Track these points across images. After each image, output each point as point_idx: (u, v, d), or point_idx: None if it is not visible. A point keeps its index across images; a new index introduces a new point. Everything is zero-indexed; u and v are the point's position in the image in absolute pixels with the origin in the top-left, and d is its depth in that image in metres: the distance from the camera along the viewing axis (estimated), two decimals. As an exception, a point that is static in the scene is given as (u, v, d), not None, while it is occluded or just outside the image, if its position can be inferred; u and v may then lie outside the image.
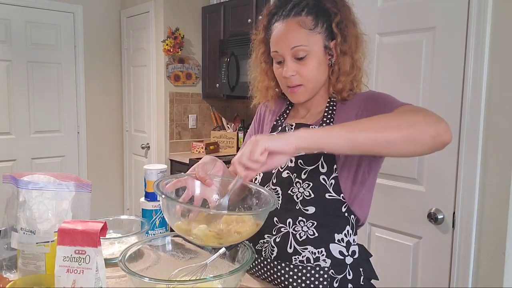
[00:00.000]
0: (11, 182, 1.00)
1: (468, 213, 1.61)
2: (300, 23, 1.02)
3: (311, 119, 1.13)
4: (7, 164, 3.69)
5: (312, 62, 1.04)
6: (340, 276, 1.03)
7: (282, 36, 1.04)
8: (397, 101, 1.01)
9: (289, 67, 1.04)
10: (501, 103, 1.52)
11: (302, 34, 1.02)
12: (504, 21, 1.50)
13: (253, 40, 1.18)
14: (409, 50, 1.77)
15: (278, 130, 1.16)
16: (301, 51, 1.02)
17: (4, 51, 3.60)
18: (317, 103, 1.12)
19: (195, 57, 3.78)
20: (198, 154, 3.63)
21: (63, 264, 0.81)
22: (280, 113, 1.22)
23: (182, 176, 0.97)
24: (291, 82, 1.06)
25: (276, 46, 1.06)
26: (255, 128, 1.30)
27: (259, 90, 1.20)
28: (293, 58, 1.04)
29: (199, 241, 0.87)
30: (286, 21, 1.04)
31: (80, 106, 4.06)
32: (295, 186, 1.05)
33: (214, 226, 0.89)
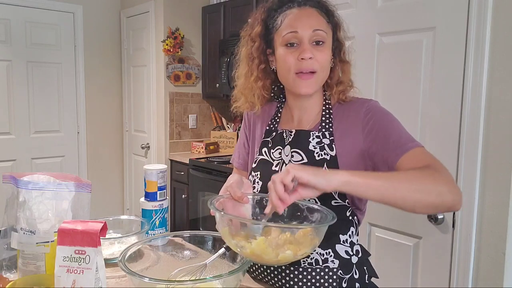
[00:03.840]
0: (11, 182, 1.00)
1: (468, 213, 1.61)
2: (319, 11, 1.04)
3: (307, 124, 1.10)
4: (7, 164, 3.68)
5: (328, 51, 1.04)
6: (348, 276, 1.04)
7: (303, 18, 1.02)
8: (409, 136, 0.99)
9: (307, 49, 1.00)
10: (501, 103, 1.52)
11: (322, 21, 1.03)
12: (504, 21, 1.50)
13: (245, 36, 1.14)
14: (409, 50, 1.77)
15: (273, 135, 1.14)
16: (321, 36, 1.01)
17: (4, 51, 3.60)
18: (312, 106, 1.10)
19: (195, 57, 3.78)
20: (198, 154, 3.63)
21: (63, 264, 0.81)
22: (271, 117, 1.19)
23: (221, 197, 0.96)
24: (306, 66, 1.00)
25: (295, 27, 1.01)
26: (246, 135, 1.26)
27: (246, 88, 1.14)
28: (311, 43, 1.01)
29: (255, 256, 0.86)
30: (305, 8, 1.03)
31: (80, 106, 4.06)
32: None
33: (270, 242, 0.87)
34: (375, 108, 1.05)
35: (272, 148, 1.12)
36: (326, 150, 1.04)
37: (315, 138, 1.06)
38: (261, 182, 1.11)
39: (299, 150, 1.06)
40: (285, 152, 1.09)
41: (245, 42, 1.14)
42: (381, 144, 0.99)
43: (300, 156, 1.06)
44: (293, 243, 0.85)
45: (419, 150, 0.96)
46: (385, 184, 0.85)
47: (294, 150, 1.07)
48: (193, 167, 3.36)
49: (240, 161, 1.26)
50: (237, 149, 1.28)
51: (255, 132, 1.22)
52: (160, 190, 1.28)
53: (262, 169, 1.12)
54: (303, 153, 1.06)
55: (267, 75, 1.13)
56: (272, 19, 1.07)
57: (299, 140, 1.07)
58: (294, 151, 1.07)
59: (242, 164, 1.25)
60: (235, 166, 1.28)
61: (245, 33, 1.14)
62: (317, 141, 1.05)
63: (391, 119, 1.03)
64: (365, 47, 1.92)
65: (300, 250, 0.84)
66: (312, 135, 1.06)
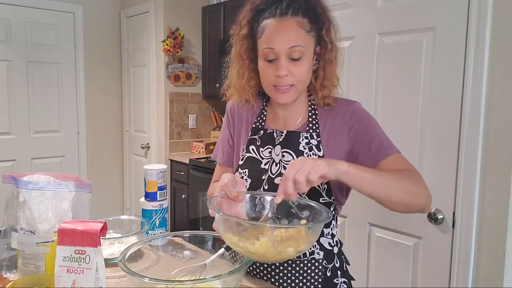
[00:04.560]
0: (11, 182, 1.00)
1: (468, 213, 1.61)
2: (299, 23, 1.01)
3: (294, 124, 1.14)
4: (7, 164, 3.69)
5: (306, 64, 1.04)
6: (331, 265, 1.12)
7: (280, 34, 1.01)
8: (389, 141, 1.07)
9: (283, 66, 1.01)
10: (501, 103, 1.52)
11: (300, 35, 1.01)
12: (504, 21, 1.50)
13: (234, 35, 1.14)
14: (409, 50, 1.77)
15: (261, 134, 1.16)
16: (298, 52, 1.01)
17: (4, 51, 3.60)
18: (297, 107, 1.13)
19: (195, 57, 3.78)
20: (198, 154, 3.63)
21: (63, 264, 0.81)
22: (257, 114, 1.20)
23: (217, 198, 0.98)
24: (283, 81, 1.03)
25: (271, 43, 1.02)
26: (231, 132, 1.26)
27: (240, 87, 1.16)
28: (288, 58, 1.02)
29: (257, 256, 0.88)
30: (284, 19, 1.01)
31: (80, 106, 4.06)
32: None
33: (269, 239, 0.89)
34: (360, 111, 1.11)
35: (262, 147, 1.15)
36: (314, 150, 1.09)
37: (304, 139, 1.10)
38: (250, 179, 1.13)
39: (289, 150, 1.10)
40: (276, 151, 1.12)
41: (234, 41, 1.15)
42: (363, 147, 1.06)
43: (290, 156, 1.10)
44: (292, 240, 0.87)
45: (398, 156, 1.05)
46: (377, 179, 0.93)
47: (284, 150, 1.11)
48: (193, 167, 3.36)
49: (224, 158, 1.26)
50: (220, 146, 1.28)
51: (240, 128, 1.23)
52: (160, 190, 1.28)
53: (250, 167, 1.14)
54: (293, 153, 1.10)
55: (257, 73, 1.13)
56: (256, 22, 1.07)
57: (289, 141, 1.11)
58: (285, 151, 1.11)
59: (226, 160, 1.26)
60: (219, 162, 1.28)
61: (234, 32, 1.14)
62: (306, 141, 1.10)
63: (374, 124, 1.10)
64: (365, 47, 1.92)
65: (299, 246, 0.87)
66: (302, 136, 1.10)
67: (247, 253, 0.88)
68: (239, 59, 1.14)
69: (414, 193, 0.97)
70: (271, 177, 1.10)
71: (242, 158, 1.17)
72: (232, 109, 1.25)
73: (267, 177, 1.11)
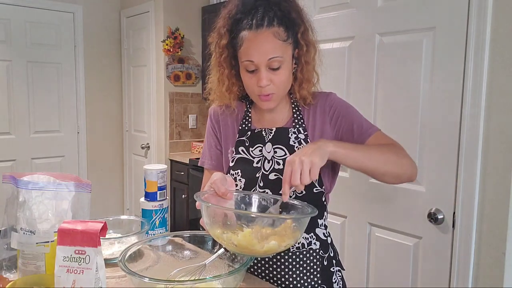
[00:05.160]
0: (11, 182, 1.00)
1: (468, 213, 1.61)
2: (275, 34, 1.04)
3: (280, 122, 1.18)
4: (7, 164, 3.69)
5: (285, 71, 1.08)
6: (326, 255, 1.18)
7: (258, 47, 1.04)
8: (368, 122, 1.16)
9: (264, 77, 1.05)
10: (501, 103, 1.52)
11: (277, 45, 1.04)
12: (504, 21, 1.50)
13: (213, 43, 1.17)
14: (409, 50, 1.77)
15: (248, 134, 1.18)
16: (277, 62, 1.05)
17: (4, 51, 3.60)
18: (281, 107, 1.18)
19: (195, 57, 3.79)
20: (198, 154, 3.63)
21: (63, 264, 0.81)
22: (241, 116, 1.23)
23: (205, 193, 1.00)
24: (265, 91, 1.08)
25: (251, 56, 1.05)
26: (216, 134, 1.27)
27: (221, 94, 1.19)
28: (268, 68, 1.05)
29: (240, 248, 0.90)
30: (261, 31, 1.04)
31: (80, 106, 4.06)
32: None
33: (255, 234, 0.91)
34: (337, 100, 1.18)
35: (251, 147, 1.17)
36: (303, 144, 1.14)
37: (293, 134, 1.15)
38: (243, 179, 1.16)
39: (281, 146, 1.15)
40: (267, 149, 1.16)
41: (214, 49, 1.18)
42: (346, 132, 1.13)
43: (283, 151, 1.14)
44: (277, 235, 0.90)
45: (378, 134, 1.13)
46: (362, 154, 1.02)
47: (276, 146, 1.15)
48: (193, 167, 3.36)
49: (213, 163, 1.27)
50: (207, 151, 1.28)
51: (226, 131, 1.24)
52: (160, 190, 1.28)
53: (242, 167, 1.17)
54: (285, 148, 1.14)
55: (238, 79, 1.16)
56: (234, 32, 1.09)
57: (279, 137, 1.16)
58: (277, 147, 1.15)
59: (215, 165, 1.26)
60: (207, 167, 1.28)
61: (213, 40, 1.17)
62: (295, 136, 1.15)
63: (352, 110, 1.17)
64: (365, 47, 1.92)
65: (284, 241, 0.90)
66: (290, 131, 1.15)
67: (230, 245, 0.90)
68: (219, 67, 1.17)
69: (399, 163, 1.05)
70: (265, 173, 1.14)
71: (233, 160, 1.19)
72: (215, 113, 1.27)
73: (261, 174, 1.14)
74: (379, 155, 1.04)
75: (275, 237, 0.90)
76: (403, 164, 1.06)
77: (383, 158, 1.03)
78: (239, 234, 0.89)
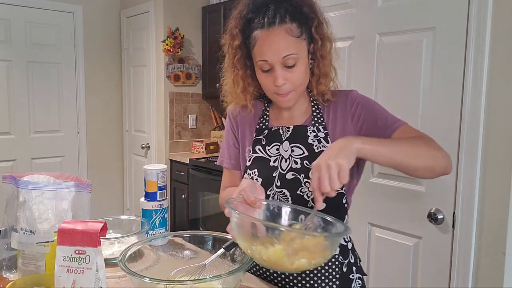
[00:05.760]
0: (11, 182, 1.00)
1: (468, 213, 1.61)
2: (287, 31, 1.01)
3: (299, 120, 1.15)
4: (7, 164, 3.69)
5: (301, 68, 1.05)
6: (346, 260, 1.13)
7: (271, 46, 1.02)
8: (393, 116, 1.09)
9: (280, 75, 1.03)
10: (501, 103, 1.52)
11: (291, 42, 1.01)
12: (504, 21, 1.50)
13: (226, 44, 1.15)
14: (409, 50, 1.77)
15: (265, 133, 1.16)
16: (292, 59, 1.02)
17: (4, 51, 3.60)
18: (300, 105, 1.15)
19: (195, 57, 3.79)
20: (198, 154, 3.63)
21: (63, 264, 0.82)
22: (259, 115, 1.21)
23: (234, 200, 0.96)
24: (282, 90, 1.05)
25: (265, 56, 1.03)
26: (234, 133, 1.26)
27: (236, 95, 1.17)
28: (283, 66, 1.03)
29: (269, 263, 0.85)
30: (273, 29, 1.01)
31: (80, 106, 4.06)
32: (304, 186, 1.08)
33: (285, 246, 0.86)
34: (358, 97, 1.13)
35: (268, 145, 1.15)
36: (323, 143, 1.10)
37: (312, 132, 1.12)
38: (260, 179, 1.13)
39: (299, 144, 1.11)
40: (284, 147, 1.13)
41: (227, 51, 1.15)
42: (370, 128, 1.08)
43: (301, 150, 1.10)
44: (307, 251, 0.85)
45: (405, 127, 1.07)
46: (391, 149, 0.95)
47: (294, 144, 1.12)
48: (193, 167, 3.36)
49: (232, 162, 1.26)
50: (226, 150, 1.28)
51: (244, 131, 1.23)
52: (160, 190, 1.28)
53: (259, 166, 1.14)
54: (303, 147, 1.10)
55: (254, 79, 1.14)
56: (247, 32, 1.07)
57: (297, 135, 1.12)
58: (294, 145, 1.12)
59: (234, 164, 1.25)
60: (227, 166, 1.27)
61: (225, 41, 1.14)
62: (314, 134, 1.11)
63: (374, 104, 1.12)
64: (365, 47, 1.92)
65: (314, 259, 0.85)
66: (309, 129, 1.12)
67: (258, 258, 0.85)
68: (233, 69, 1.15)
69: (431, 156, 0.99)
70: (282, 173, 1.11)
71: (249, 159, 1.17)
72: (233, 112, 1.26)
73: (278, 173, 1.11)
74: (410, 148, 0.97)
75: (304, 253, 0.85)
76: (436, 156, 0.99)
77: (414, 151, 0.97)
78: (269, 249, 0.85)
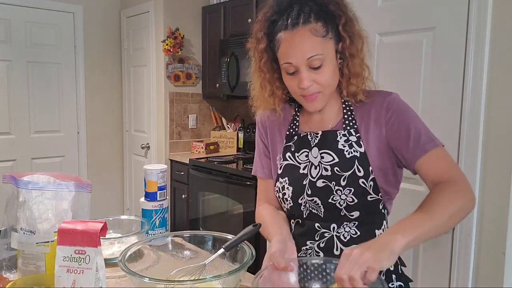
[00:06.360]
0: (11, 182, 1.00)
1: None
2: (312, 31, 0.97)
3: (329, 123, 1.10)
4: (7, 164, 3.68)
5: (328, 69, 1.00)
6: (384, 269, 1.04)
7: (295, 47, 0.98)
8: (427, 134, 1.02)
9: (305, 77, 0.99)
10: (501, 103, 1.52)
11: (316, 42, 0.97)
12: (504, 21, 1.50)
13: (251, 48, 1.11)
14: (409, 50, 1.77)
15: (294, 139, 1.13)
16: (317, 60, 0.97)
17: (4, 51, 3.60)
18: (330, 106, 1.10)
19: (195, 57, 3.78)
20: (198, 154, 3.63)
21: (63, 264, 0.82)
22: (289, 121, 1.17)
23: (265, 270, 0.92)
24: (308, 92, 1.01)
25: (289, 58, 0.99)
26: (264, 142, 1.23)
27: (264, 99, 1.13)
28: (309, 68, 0.99)
29: None
30: (296, 30, 0.97)
31: (80, 106, 4.05)
32: (335, 194, 1.04)
33: None
34: (396, 103, 1.06)
35: (297, 152, 1.11)
36: (355, 147, 1.05)
37: (342, 136, 1.06)
38: (291, 187, 1.10)
39: (328, 150, 1.07)
40: (313, 154, 1.09)
41: (253, 55, 1.11)
42: (401, 141, 1.02)
43: (330, 157, 1.06)
44: None
45: (436, 152, 1.01)
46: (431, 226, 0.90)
47: (323, 151, 1.07)
48: (193, 167, 3.36)
49: (265, 171, 1.22)
50: (258, 160, 1.24)
51: (274, 138, 1.20)
52: (160, 190, 1.28)
53: (289, 174, 1.11)
54: (333, 153, 1.06)
55: (281, 83, 1.10)
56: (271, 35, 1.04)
57: (326, 141, 1.08)
58: (324, 152, 1.07)
59: (267, 173, 1.22)
60: (260, 176, 1.23)
61: (251, 45, 1.11)
62: (344, 139, 1.06)
63: (412, 116, 1.05)
64: (365, 47, 1.92)
65: None
66: (339, 134, 1.07)
67: None
68: (260, 73, 1.11)
69: (463, 209, 0.95)
70: (312, 181, 1.07)
71: (280, 166, 1.14)
72: (262, 120, 1.23)
73: (308, 181, 1.07)
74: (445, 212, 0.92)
75: None
76: (466, 206, 0.96)
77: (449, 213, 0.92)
78: None
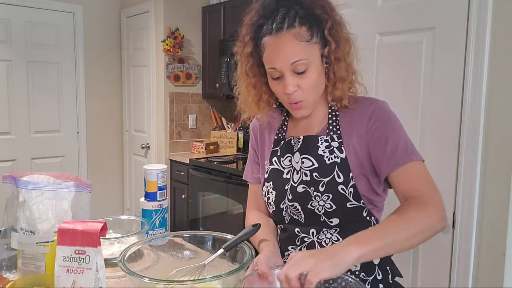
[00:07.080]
0: (11, 182, 1.00)
1: (468, 213, 1.61)
2: (296, 35, 0.96)
3: (314, 128, 1.10)
4: (7, 164, 3.68)
5: (313, 74, 0.99)
6: (371, 277, 1.04)
7: (279, 52, 0.97)
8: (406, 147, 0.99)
9: (289, 83, 0.98)
10: (501, 104, 1.52)
11: (300, 47, 0.96)
12: (504, 21, 1.50)
13: (237, 52, 1.10)
14: (409, 50, 1.77)
15: (281, 144, 1.13)
16: (301, 65, 0.97)
17: (4, 51, 3.59)
18: (317, 111, 1.09)
19: (195, 57, 3.78)
20: (198, 154, 3.63)
21: (63, 264, 0.82)
22: (278, 125, 1.18)
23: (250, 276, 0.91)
24: (293, 98, 1.00)
25: (273, 63, 0.99)
26: (254, 148, 1.24)
27: (249, 104, 1.13)
28: (293, 73, 0.98)
29: None
30: (280, 35, 0.96)
31: (80, 106, 4.05)
32: (314, 200, 1.03)
33: None
34: (381, 111, 1.03)
35: (282, 157, 1.12)
36: (336, 153, 1.03)
37: (324, 142, 1.05)
38: (274, 192, 1.11)
39: (308, 156, 1.06)
40: (295, 159, 1.09)
41: (239, 59, 1.11)
42: (378, 151, 1.00)
43: (310, 162, 1.05)
44: None
45: (412, 167, 0.97)
46: (388, 242, 0.87)
47: (304, 156, 1.07)
48: (193, 167, 3.36)
49: (254, 176, 1.23)
50: (249, 165, 1.26)
51: (263, 143, 1.20)
52: (160, 190, 1.28)
53: (274, 179, 1.12)
54: (313, 159, 1.05)
55: (269, 87, 1.09)
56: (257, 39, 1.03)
57: (308, 146, 1.07)
58: (304, 157, 1.07)
59: (256, 178, 1.23)
60: (251, 181, 1.25)
61: (238, 49, 1.10)
62: (326, 145, 1.05)
63: (394, 126, 1.02)
64: (365, 47, 1.91)
65: None
66: (320, 139, 1.06)
67: None
68: (245, 77, 1.10)
69: (427, 229, 0.91)
70: (294, 186, 1.07)
71: (267, 171, 1.15)
72: (254, 127, 1.24)
73: (290, 186, 1.08)
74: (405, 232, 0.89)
75: None
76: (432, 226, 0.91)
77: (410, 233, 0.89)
78: None
